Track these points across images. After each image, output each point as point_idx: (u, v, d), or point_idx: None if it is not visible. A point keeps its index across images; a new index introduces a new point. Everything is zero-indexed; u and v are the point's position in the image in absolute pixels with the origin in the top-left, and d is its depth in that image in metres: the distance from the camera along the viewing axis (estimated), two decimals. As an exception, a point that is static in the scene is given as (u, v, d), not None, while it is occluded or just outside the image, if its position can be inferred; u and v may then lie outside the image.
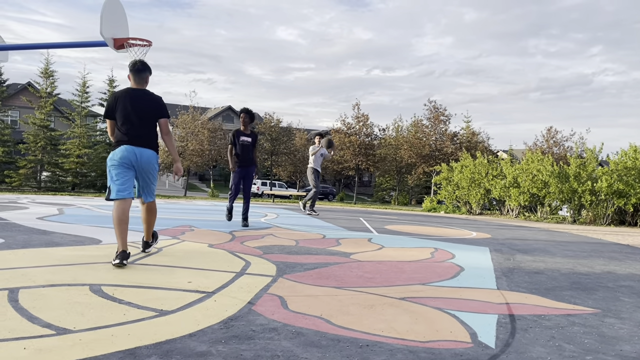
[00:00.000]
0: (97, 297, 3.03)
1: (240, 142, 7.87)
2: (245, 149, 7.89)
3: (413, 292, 3.64)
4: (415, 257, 5.49)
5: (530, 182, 16.81)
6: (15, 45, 11.15)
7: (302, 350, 2.29)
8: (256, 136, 8.00)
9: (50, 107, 27.08)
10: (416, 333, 2.63)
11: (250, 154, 7.92)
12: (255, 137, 7.97)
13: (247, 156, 7.90)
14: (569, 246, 7.61)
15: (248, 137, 7.93)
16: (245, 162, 7.90)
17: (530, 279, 4.47)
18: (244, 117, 7.91)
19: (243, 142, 7.88)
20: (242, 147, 7.88)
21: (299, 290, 3.50)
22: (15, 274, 3.56)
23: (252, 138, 7.95)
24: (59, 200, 13.50)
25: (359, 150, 39.14)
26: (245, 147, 7.89)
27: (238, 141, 7.87)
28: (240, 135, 7.91)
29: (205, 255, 4.83)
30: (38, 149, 26.59)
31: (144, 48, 8.82)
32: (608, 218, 15.33)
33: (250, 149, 7.92)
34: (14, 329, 2.36)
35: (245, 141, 7.89)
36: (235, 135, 7.92)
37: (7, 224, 6.63)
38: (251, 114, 7.96)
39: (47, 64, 27.42)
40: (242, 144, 7.88)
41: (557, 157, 33.96)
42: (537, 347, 2.50)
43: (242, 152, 7.88)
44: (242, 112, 7.91)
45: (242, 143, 7.87)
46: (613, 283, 4.48)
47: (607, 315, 3.26)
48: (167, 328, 2.49)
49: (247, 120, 7.92)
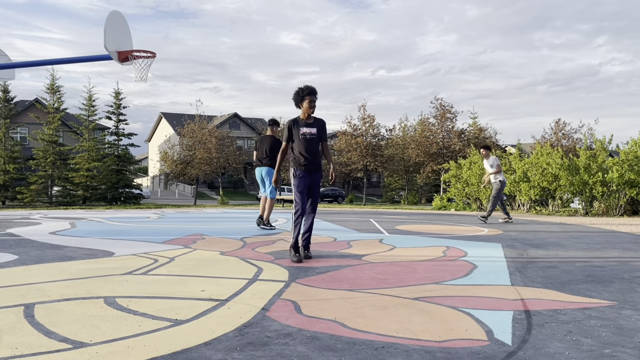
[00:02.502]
0: (112, 309, 3.05)
1: (301, 136, 5.22)
2: (310, 144, 5.23)
3: (426, 291, 3.63)
4: (427, 256, 5.46)
5: (540, 175, 16.69)
6: (22, 62, 11.27)
7: (318, 354, 2.28)
8: (324, 125, 5.33)
9: (58, 122, 27.35)
10: (431, 333, 2.62)
11: (317, 151, 5.30)
12: (322, 126, 5.31)
13: (313, 155, 5.24)
14: (582, 239, 7.55)
15: (312, 126, 5.27)
16: (310, 164, 5.22)
17: (544, 273, 4.44)
18: (310, 98, 5.19)
19: (306, 134, 5.22)
20: (306, 142, 5.21)
21: (312, 295, 3.50)
22: (30, 289, 3.59)
23: (318, 128, 5.28)
24: (71, 214, 13.60)
25: (367, 152, 39.10)
26: (310, 141, 5.24)
27: (298, 134, 5.23)
28: (302, 126, 5.25)
29: (217, 263, 4.85)
30: (48, 164, 26.85)
31: (148, 60, 8.89)
32: (621, 209, 15.18)
33: (316, 143, 5.28)
34: (31, 344, 2.38)
35: (309, 133, 5.23)
36: (294, 125, 5.27)
37: (20, 240, 6.69)
38: (314, 92, 5.24)
39: (53, 79, 27.70)
40: (305, 137, 5.22)
41: (566, 149, 33.70)
42: (555, 343, 2.48)
43: (307, 150, 5.21)
44: (308, 92, 5.20)
45: (304, 136, 5.21)
46: (629, 274, 4.43)
47: (624, 307, 3.22)
48: (183, 337, 2.50)
49: (313, 103, 5.21)
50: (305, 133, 5.21)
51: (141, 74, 8.97)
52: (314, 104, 5.20)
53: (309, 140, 5.21)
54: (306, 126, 5.23)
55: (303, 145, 5.19)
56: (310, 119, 5.27)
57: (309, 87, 5.17)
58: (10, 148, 27.33)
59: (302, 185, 5.18)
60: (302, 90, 5.16)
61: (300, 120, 5.26)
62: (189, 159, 36.85)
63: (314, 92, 5.19)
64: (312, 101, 5.17)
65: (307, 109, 5.17)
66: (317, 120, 5.30)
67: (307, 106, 5.16)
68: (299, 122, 5.25)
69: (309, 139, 5.21)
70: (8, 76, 10.98)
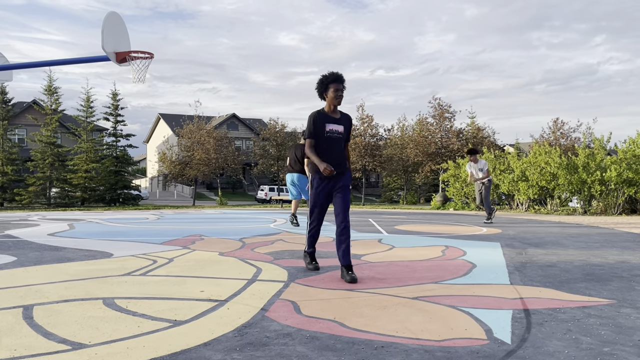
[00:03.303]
0: (111, 310, 3.04)
1: (326, 133, 4.26)
2: (335, 145, 4.29)
3: (426, 291, 3.63)
4: (426, 256, 5.47)
5: (539, 174, 16.71)
6: (20, 64, 11.26)
7: (317, 354, 2.28)
8: (351, 122, 4.44)
9: (55, 124, 27.30)
10: (431, 332, 2.62)
11: (342, 154, 4.35)
12: (349, 123, 4.40)
13: (338, 158, 4.29)
14: (580, 237, 7.56)
15: (339, 122, 4.32)
16: (336, 166, 4.26)
17: (543, 272, 4.44)
18: (336, 86, 4.23)
19: (332, 132, 4.28)
20: (331, 142, 4.27)
21: (312, 295, 3.50)
22: (29, 291, 3.58)
23: (346, 125, 4.37)
24: (69, 216, 13.58)
25: (365, 152, 39.08)
26: (336, 141, 4.30)
27: (323, 130, 4.25)
28: (328, 121, 4.28)
29: (216, 264, 4.84)
30: (46, 166, 26.80)
31: (146, 61, 8.88)
32: (619, 207, 15.20)
33: (342, 144, 4.34)
34: (30, 345, 2.37)
35: (336, 131, 4.28)
36: (318, 119, 4.26)
37: (19, 242, 6.68)
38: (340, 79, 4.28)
39: (51, 81, 27.66)
40: (331, 136, 4.27)
41: (564, 148, 33.72)
42: (554, 341, 2.48)
43: (331, 151, 4.27)
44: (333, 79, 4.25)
45: (329, 134, 4.27)
46: (627, 273, 4.44)
47: (623, 306, 3.23)
48: (182, 338, 2.50)
49: (339, 92, 4.24)
50: (332, 130, 4.23)
51: (139, 75, 8.97)
52: (341, 94, 4.22)
53: (334, 140, 4.23)
54: (333, 122, 4.26)
55: (327, 145, 4.21)
56: (336, 112, 4.31)
57: (334, 73, 4.23)
58: (8, 150, 27.28)
59: (321, 196, 4.25)
60: (326, 78, 4.24)
61: (326, 114, 4.28)
62: (188, 159, 36.79)
63: (340, 79, 4.23)
64: (339, 90, 4.20)
65: (333, 99, 4.22)
66: (344, 116, 4.36)
67: (332, 96, 4.20)
68: (324, 116, 4.26)
69: (334, 138, 4.23)
70: (5, 78, 10.97)
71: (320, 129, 4.23)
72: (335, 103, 4.25)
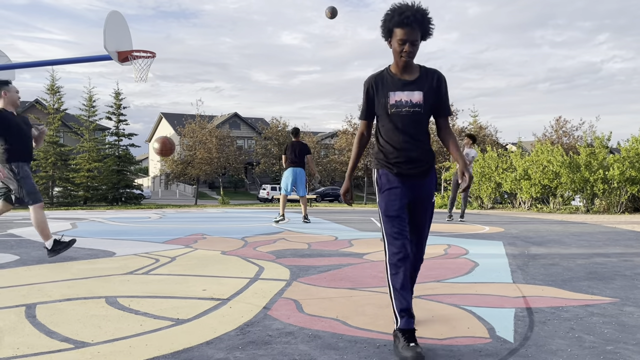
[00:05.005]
0: (113, 309, 3.04)
1: (391, 108, 2.55)
2: (409, 123, 2.56)
3: (428, 289, 3.62)
4: (429, 254, 5.46)
5: (541, 173, 16.68)
6: (22, 63, 11.27)
7: (320, 353, 2.28)
8: (440, 82, 2.58)
9: (58, 123, 27.38)
10: (433, 331, 2.62)
11: (423, 137, 2.62)
12: (435, 85, 2.57)
13: (415, 144, 2.58)
14: (583, 236, 7.54)
15: (412, 88, 2.54)
16: (410, 162, 2.58)
17: (545, 271, 4.43)
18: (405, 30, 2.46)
19: (400, 105, 2.54)
20: (400, 121, 2.55)
21: (314, 293, 3.50)
22: (31, 289, 3.59)
23: (427, 90, 2.56)
24: (72, 215, 13.60)
25: (367, 151, 39.11)
26: (409, 118, 2.55)
27: (386, 103, 2.56)
28: (391, 88, 2.56)
29: (219, 263, 4.84)
30: (49, 165, 26.87)
31: (148, 60, 8.88)
32: (622, 206, 15.16)
33: (422, 121, 2.59)
34: (33, 344, 2.38)
35: (408, 103, 2.54)
36: (376, 86, 2.61)
37: (21, 241, 6.69)
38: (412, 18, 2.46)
39: (53, 80, 27.71)
40: (399, 110, 2.55)
41: (567, 147, 33.66)
42: (557, 340, 2.48)
43: (402, 134, 2.56)
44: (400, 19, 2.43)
45: (397, 109, 2.55)
46: (630, 271, 4.43)
47: (626, 304, 3.22)
48: (184, 337, 2.50)
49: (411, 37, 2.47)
50: (400, 102, 2.53)
51: (141, 74, 8.97)
52: (416, 41, 2.48)
53: (405, 118, 2.54)
54: (402, 88, 2.55)
55: (394, 125, 2.55)
56: (409, 71, 2.57)
57: (401, 7, 2.47)
58: (10, 149, 27.35)
59: (395, 204, 2.53)
60: (389, 16, 2.51)
61: (391, 76, 2.59)
62: (190, 159, 36.86)
63: (409, 19, 2.43)
64: (407, 40, 2.45)
65: (397, 54, 2.51)
66: (425, 74, 2.59)
67: (396, 49, 2.50)
68: (386, 81, 2.59)
69: (405, 114, 2.53)
70: (8, 77, 10.98)
71: (380, 101, 2.58)
72: (405, 59, 2.50)
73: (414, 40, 2.46)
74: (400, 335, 2.32)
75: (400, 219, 2.51)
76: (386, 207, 2.54)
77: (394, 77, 2.57)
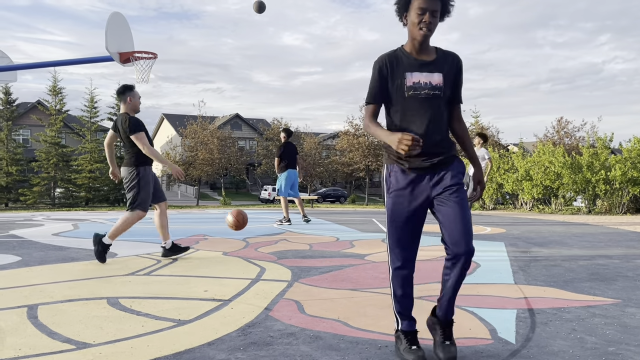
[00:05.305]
0: (115, 310, 3.05)
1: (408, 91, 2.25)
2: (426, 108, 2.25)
3: (430, 290, 3.62)
4: (431, 255, 5.46)
5: (543, 174, 16.66)
6: (24, 64, 11.29)
7: (321, 353, 2.28)
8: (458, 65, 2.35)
9: (60, 124, 27.41)
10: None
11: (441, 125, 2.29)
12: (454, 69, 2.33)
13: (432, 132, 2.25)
14: (585, 237, 7.53)
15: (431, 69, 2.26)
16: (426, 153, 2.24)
17: (547, 271, 4.43)
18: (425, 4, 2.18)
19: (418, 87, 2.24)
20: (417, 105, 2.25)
21: (315, 294, 3.50)
22: (33, 290, 3.59)
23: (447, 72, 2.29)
24: (74, 216, 13.62)
25: (368, 151, 39.10)
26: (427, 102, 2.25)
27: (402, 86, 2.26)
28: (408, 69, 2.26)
29: (220, 264, 4.85)
30: (51, 166, 26.90)
31: (149, 61, 8.89)
32: (624, 207, 15.14)
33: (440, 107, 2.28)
34: (35, 345, 2.38)
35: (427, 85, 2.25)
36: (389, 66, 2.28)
37: (23, 242, 6.70)
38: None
39: (55, 81, 27.75)
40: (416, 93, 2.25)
41: (568, 147, 33.62)
42: (559, 341, 2.47)
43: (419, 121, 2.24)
44: None
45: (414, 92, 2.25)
46: (632, 272, 4.42)
47: (628, 305, 3.21)
48: (186, 338, 2.50)
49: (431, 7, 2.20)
50: (419, 84, 2.25)
51: (143, 75, 8.98)
52: (436, 12, 2.22)
53: (424, 102, 2.26)
54: (420, 68, 2.27)
55: (411, 110, 2.27)
56: (426, 51, 2.31)
57: None
58: (12, 150, 27.37)
59: (402, 210, 2.34)
60: None
61: (406, 56, 2.30)
62: (191, 159, 36.87)
63: None
64: (426, 4, 2.18)
65: (415, 27, 2.23)
66: (444, 56, 2.34)
67: (414, 21, 2.22)
68: (401, 61, 2.30)
69: (424, 97, 2.25)
70: (10, 78, 11.01)
71: (395, 83, 2.28)
72: (423, 34, 2.22)
73: (434, 11, 2.19)
74: (402, 337, 2.28)
75: (404, 226, 2.32)
76: (392, 212, 2.34)
77: (410, 56, 2.28)
